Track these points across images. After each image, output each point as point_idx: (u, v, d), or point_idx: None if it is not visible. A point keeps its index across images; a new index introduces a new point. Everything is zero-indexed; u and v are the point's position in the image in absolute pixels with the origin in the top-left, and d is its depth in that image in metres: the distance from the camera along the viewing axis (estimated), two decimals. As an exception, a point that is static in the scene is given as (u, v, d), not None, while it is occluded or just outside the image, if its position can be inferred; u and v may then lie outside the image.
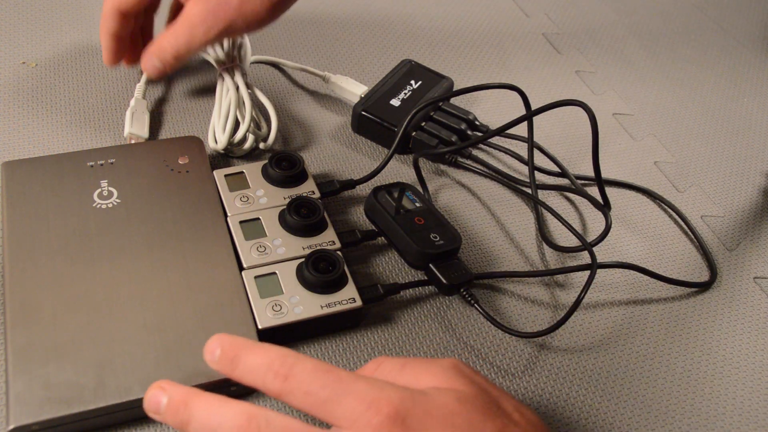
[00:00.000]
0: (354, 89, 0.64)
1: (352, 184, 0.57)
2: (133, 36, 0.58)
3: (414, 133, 0.61)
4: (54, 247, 0.47)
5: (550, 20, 0.81)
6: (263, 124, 0.59)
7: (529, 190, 0.60)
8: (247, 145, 0.58)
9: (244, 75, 0.59)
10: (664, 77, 0.76)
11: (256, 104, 0.60)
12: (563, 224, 0.56)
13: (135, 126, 0.57)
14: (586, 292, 0.50)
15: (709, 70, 0.78)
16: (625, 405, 0.49)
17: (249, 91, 0.58)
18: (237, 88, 0.58)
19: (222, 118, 0.57)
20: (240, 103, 0.57)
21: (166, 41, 0.54)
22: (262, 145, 0.59)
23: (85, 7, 0.69)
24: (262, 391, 0.37)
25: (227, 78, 0.59)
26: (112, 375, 0.41)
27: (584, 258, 0.57)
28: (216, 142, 0.57)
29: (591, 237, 0.58)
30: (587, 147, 0.65)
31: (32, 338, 0.42)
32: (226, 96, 0.58)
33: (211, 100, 0.62)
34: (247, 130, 0.57)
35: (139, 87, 0.60)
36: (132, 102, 0.59)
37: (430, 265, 0.51)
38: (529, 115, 0.58)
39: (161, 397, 0.37)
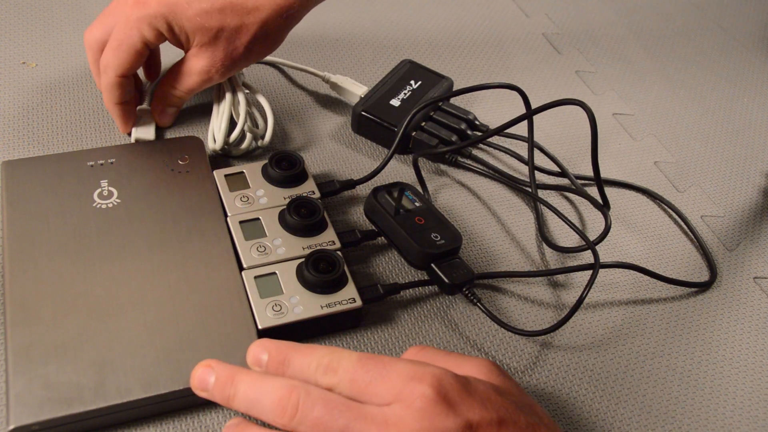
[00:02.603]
0: (354, 89, 0.64)
1: (352, 184, 0.57)
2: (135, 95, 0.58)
3: (414, 133, 0.61)
4: (54, 247, 0.47)
5: (550, 20, 0.81)
6: (260, 122, 0.59)
7: (529, 190, 0.60)
8: (245, 144, 0.58)
9: (239, 74, 0.59)
10: (664, 77, 0.76)
11: (253, 103, 0.60)
12: (566, 223, 0.56)
13: (140, 131, 0.57)
14: (588, 291, 0.50)
15: (709, 70, 0.78)
16: (626, 404, 0.49)
17: (245, 90, 0.58)
18: (232, 87, 0.58)
19: (218, 117, 0.57)
20: (235, 102, 0.57)
21: (175, 95, 0.56)
22: (259, 143, 0.59)
23: (85, 7, 0.69)
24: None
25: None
26: (112, 375, 0.41)
27: (584, 258, 0.57)
28: (214, 142, 0.57)
29: (591, 237, 0.58)
30: (587, 146, 0.65)
31: (32, 338, 0.42)
32: (222, 96, 0.58)
33: (211, 101, 0.62)
34: (243, 129, 0.57)
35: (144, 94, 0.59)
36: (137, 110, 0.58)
37: (432, 264, 0.51)
38: (529, 115, 0.58)
39: (209, 376, 0.39)
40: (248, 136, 0.58)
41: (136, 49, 0.52)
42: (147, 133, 0.57)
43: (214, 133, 0.57)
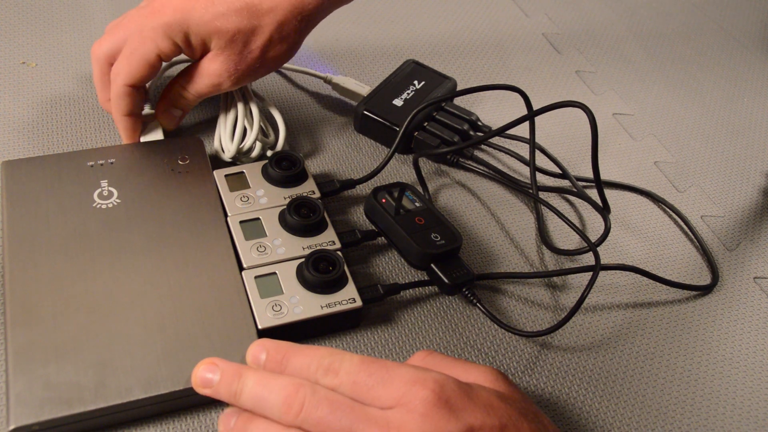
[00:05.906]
0: (356, 89, 0.64)
1: (352, 183, 0.56)
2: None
3: (416, 133, 0.61)
4: (54, 247, 0.47)
5: (550, 20, 0.81)
6: (270, 132, 0.59)
7: (529, 191, 0.60)
8: (255, 152, 0.57)
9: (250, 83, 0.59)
10: (664, 77, 0.76)
11: (263, 111, 0.59)
12: (567, 224, 0.56)
13: (148, 136, 0.56)
14: (589, 291, 0.50)
15: (709, 70, 0.78)
16: (625, 405, 0.49)
17: (256, 99, 0.58)
18: (243, 96, 0.57)
19: (229, 126, 0.56)
20: (247, 113, 0.57)
21: (184, 96, 0.55)
22: (269, 153, 0.58)
23: (85, 7, 0.69)
24: None
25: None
26: (112, 375, 0.41)
27: (583, 260, 0.57)
28: (224, 151, 0.56)
29: (591, 239, 0.58)
30: (588, 146, 0.65)
31: (32, 338, 0.42)
32: (233, 104, 0.57)
33: (211, 101, 0.62)
34: (256, 139, 0.56)
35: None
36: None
37: (432, 265, 0.51)
38: (531, 116, 0.58)
39: (212, 373, 0.39)
40: (258, 145, 0.57)
41: (149, 59, 0.51)
42: (155, 135, 0.56)
43: (223, 142, 0.56)
